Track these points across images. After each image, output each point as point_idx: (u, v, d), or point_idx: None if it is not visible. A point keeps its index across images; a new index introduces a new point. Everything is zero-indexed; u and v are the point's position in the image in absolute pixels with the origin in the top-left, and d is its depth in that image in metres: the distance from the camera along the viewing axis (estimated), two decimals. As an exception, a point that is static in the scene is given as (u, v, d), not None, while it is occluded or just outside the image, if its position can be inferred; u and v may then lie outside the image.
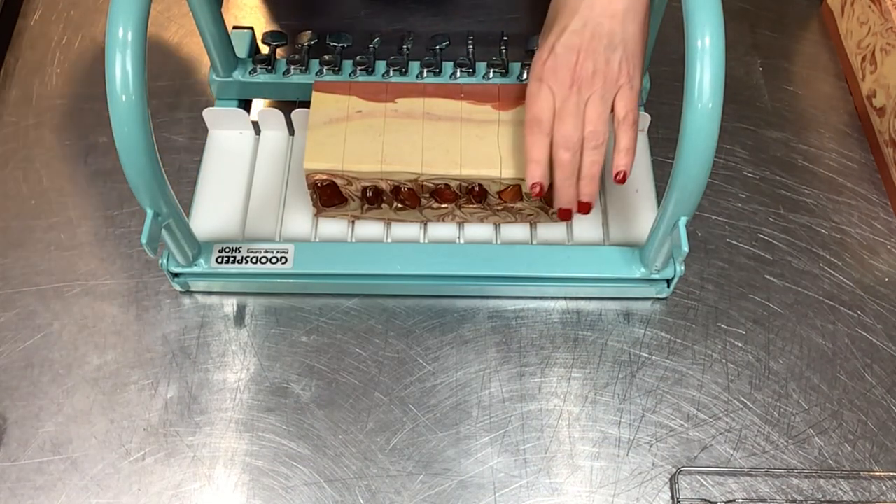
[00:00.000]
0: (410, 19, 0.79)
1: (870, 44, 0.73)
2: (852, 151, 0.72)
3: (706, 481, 0.56)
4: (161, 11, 0.81)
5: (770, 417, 0.58)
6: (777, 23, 0.81)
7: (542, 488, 0.55)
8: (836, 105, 0.75)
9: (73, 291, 0.63)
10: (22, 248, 0.65)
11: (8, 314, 0.62)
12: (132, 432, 0.57)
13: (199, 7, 0.62)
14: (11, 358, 0.60)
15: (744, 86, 0.76)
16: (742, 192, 0.69)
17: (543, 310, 0.62)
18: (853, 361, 0.61)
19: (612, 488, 0.55)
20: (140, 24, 0.46)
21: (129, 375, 0.59)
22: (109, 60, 0.46)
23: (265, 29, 0.72)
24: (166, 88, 0.75)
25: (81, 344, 0.61)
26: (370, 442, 0.57)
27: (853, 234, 0.67)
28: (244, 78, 0.70)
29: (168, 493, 0.55)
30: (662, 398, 0.59)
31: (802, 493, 0.55)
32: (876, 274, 0.65)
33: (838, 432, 0.58)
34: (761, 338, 0.62)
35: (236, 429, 0.57)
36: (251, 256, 0.60)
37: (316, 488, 0.55)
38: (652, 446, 0.57)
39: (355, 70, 0.68)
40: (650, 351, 0.61)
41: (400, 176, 0.59)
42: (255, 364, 0.60)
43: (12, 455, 0.56)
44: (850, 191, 0.70)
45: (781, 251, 0.66)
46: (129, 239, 0.66)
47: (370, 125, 0.60)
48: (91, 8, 0.81)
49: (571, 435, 0.57)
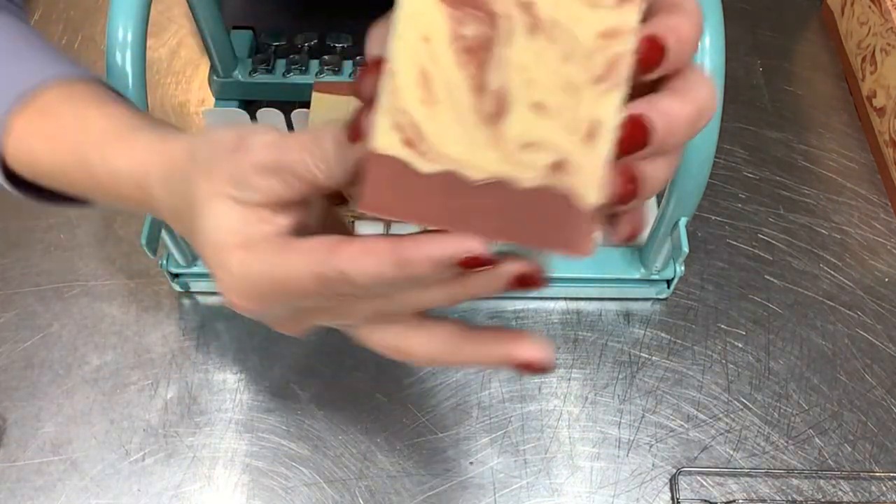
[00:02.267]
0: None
1: (870, 44, 0.73)
2: (852, 151, 0.72)
3: (706, 482, 0.56)
4: (161, 11, 0.81)
5: (770, 418, 0.58)
6: (777, 23, 0.81)
7: (542, 489, 0.55)
8: (836, 105, 0.75)
9: (73, 292, 0.63)
10: (22, 248, 0.65)
11: (8, 314, 0.62)
12: (132, 433, 0.57)
13: (199, 7, 0.62)
14: (11, 358, 0.60)
15: (744, 86, 0.76)
16: (742, 192, 0.69)
17: (543, 310, 0.62)
18: (853, 362, 0.61)
19: (612, 489, 0.55)
20: (140, 24, 0.46)
21: (129, 376, 0.59)
22: (109, 60, 0.46)
23: (265, 29, 0.72)
24: (166, 89, 0.75)
25: (81, 344, 0.61)
26: (370, 442, 0.57)
27: (853, 234, 0.67)
28: (244, 78, 0.70)
29: (168, 494, 0.55)
30: (662, 399, 0.59)
31: (802, 493, 0.55)
32: (876, 274, 0.65)
33: (838, 433, 0.58)
34: (761, 338, 0.62)
35: (236, 429, 0.57)
36: (251, 257, 0.60)
37: (316, 489, 0.55)
38: (652, 447, 0.57)
39: (355, 70, 0.68)
40: (650, 351, 0.61)
41: (400, 176, 0.59)
42: (255, 364, 0.60)
43: (12, 455, 0.56)
44: (850, 191, 0.70)
45: (781, 251, 0.66)
46: (128, 239, 0.66)
47: (370, 125, 0.60)
48: (91, 8, 0.81)
49: (571, 435, 0.57)
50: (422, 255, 0.26)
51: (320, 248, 0.28)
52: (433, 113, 0.25)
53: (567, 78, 0.25)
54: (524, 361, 0.29)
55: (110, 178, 0.35)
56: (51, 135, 0.37)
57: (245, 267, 0.29)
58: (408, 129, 0.25)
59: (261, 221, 0.29)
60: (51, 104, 0.38)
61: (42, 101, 0.38)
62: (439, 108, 0.25)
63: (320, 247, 0.28)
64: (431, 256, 0.26)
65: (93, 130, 0.36)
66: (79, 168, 0.36)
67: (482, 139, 0.25)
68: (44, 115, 0.38)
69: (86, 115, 0.37)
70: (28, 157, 0.39)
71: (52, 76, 0.39)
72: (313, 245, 0.28)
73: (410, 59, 0.25)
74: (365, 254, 0.27)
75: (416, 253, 0.26)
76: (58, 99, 0.38)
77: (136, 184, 0.34)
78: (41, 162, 0.38)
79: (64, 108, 0.38)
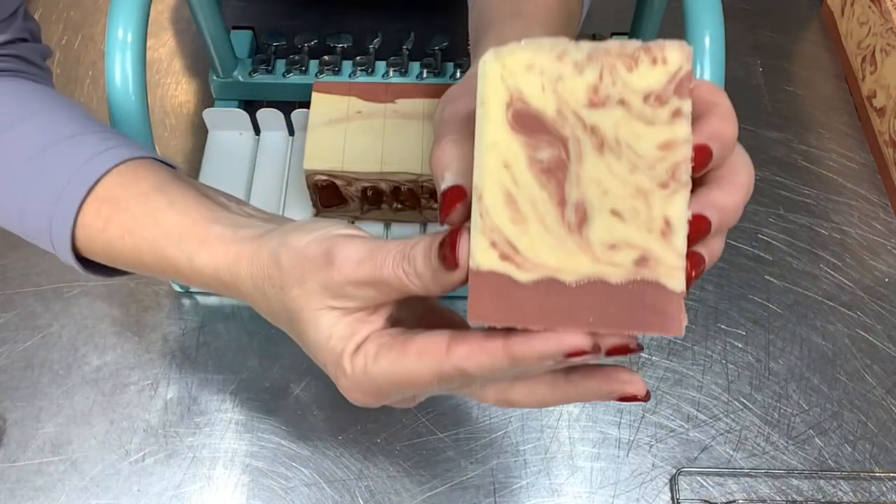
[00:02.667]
0: (411, 19, 0.79)
1: (870, 44, 0.73)
2: (852, 152, 0.72)
3: (706, 482, 0.56)
4: (161, 12, 0.81)
5: (770, 418, 0.58)
6: (777, 23, 0.81)
7: (542, 489, 0.55)
8: (836, 105, 0.75)
9: (73, 292, 0.63)
10: (22, 248, 0.65)
11: (8, 315, 0.62)
12: (132, 433, 0.57)
13: (199, 7, 0.62)
14: (11, 359, 0.60)
15: (744, 86, 0.76)
16: (742, 192, 0.69)
17: (543, 310, 0.62)
18: (853, 362, 0.61)
19: (612, 489, 0.55)
20: (140, 24, 0.46)
21: (129, 376, 0.59)
22: (109, 60, 0.47)
23: (265, 29, 0.72)
24: (166, 89, 0.75)
25: (81, 344, 0.61)
26: (370, 442, 0.57)
27: (853, 234, 0.67)
28: (244, 78, 0.70)
29: (168, 494, 0.55)
30: (662, 399, 0.59)
31: (802, 493, 0.55)
32: (876, 274, 0.65)
33: (838, 433, 0.58)
34: (761, 338, 0.62)
35: (236, 429, 0.57)
36: (251, 257, 0.60)
37: (316, 489, 0.55)
38: (652, 447, 0.57)
39: (355, 70, 0.68)
40: (650, 351, 0.61)
41: (400, 176, 0.59)
42: (255, 364, 0.60)
43: (12, 456, 0.56)
44: (850, 191, 0.70)
45: (781, 251, 0.66)
46: (128, 239, 0.66)
47: (370, 126, 0.60)
48: (91, 8, 0.81)
49: (571, 435, 0.57)
50: (531, 351, 0.29)
51: (436, 350, 0.30)
52: (523, 229, 0.29)
53: (636, 186, 0.29)
54: (629, 396, 0.32)
55: (193, 272, 0.37)
56: (125, 228, 0.38)
57: (364, 372, 0.32)
58: (503, 246, 0.29)
59: (364, 323, 0.32)
60: (115, 194, 0.39)
61: (105, 190, 0.39)
62: (528, 224, 0.29)
63: (435, 349, 0.30)
64: (541, 352, 0.29)
65: (166, 226, 0.38)
66: (158, 262, 0.38)
67: (571, 246, 0.29)
68: (112, 207, 0.39)
69: (155, 210, 0.38)
70: (104, 249, 0.39)
71: (112, 163, 0.39)
72: (428, 347, 0.30)
73: (495, 184, 0.29)
74: (480, 352, 0.29)
75: (526, 350, 0.29)
76: (121, 187, 0.39)
77: (221, 282, 0.36)
78: (118, 252, 0.39)
79: (131, 200, 0.39)
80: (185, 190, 0.39)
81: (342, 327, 0.32)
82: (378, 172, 0.58)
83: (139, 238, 0.38)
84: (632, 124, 0.29)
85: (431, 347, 0.30)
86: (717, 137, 0.29)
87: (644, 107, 0.29)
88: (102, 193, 0.39)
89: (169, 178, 0.40)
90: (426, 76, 0.68)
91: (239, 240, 0.36)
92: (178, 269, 0.37)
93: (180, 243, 0.37)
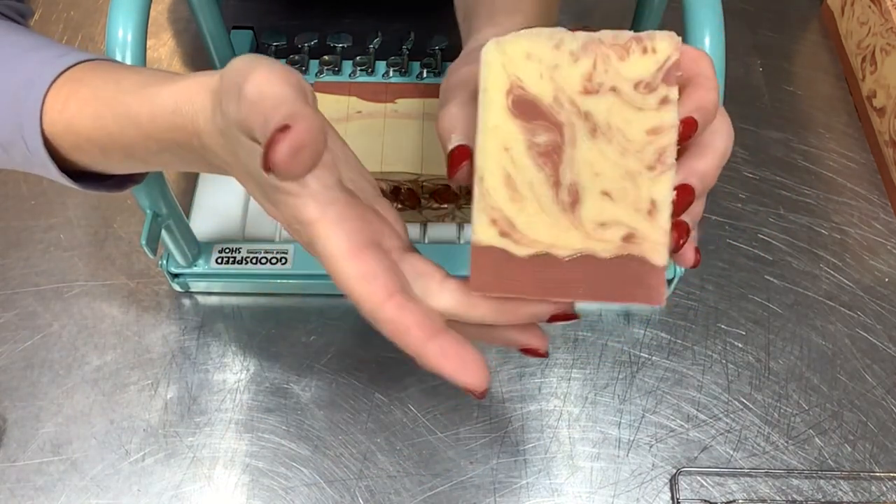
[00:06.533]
0: (411, 19, 0.79)
1: (870, 44, 0.73)
2: (852, 151, 0.72)
3: (706, 482, 0.56)
4: (161, 11, 0.81)
5: (770, 418, 0.58)
6: (777, 23, 0.81)
7: (542, 489, 0.55)
8: (836, 105, 0.75)
9: (73, 292, 0.63)
10: (22, 248, 0.65)
11: (8, 314, 0.62)
12: (132, 433, 0.57)
13: (199, 7, 0.62)
14: (11, 358, 0.60)
15: (744, 86, 0.76)
16: (742, 192, 0.69)
17: (543, 310, 0.62)
18: (853, 362, 0.61)
19: (612, 489, 0.55)
20: (140, 24, 0.46)
21: (129, 376, 0.59)
22: (109, 60, 0.46)
23: (265, 29, 0.72)
24: (166, 89, 0.75)
25: (81, 344, 0.61)
26: (370, 442, 0.57)
27: (853, 234, 0.67)
28: (244, 78, 0.70)
29: (168, 494, 0.55)
30: (662, 399, 0.59)
31: (802, 493, 0.55)
32: (876, 274, 0.65)
33: (838, 433, 0.58)
34: (761, 338, 0.62)
35: (236, 429, 0.57)
36: (251, 257, 0.60)
37: (316, 489, 0.55)
38: (652, 447, 0.57)
39: (355, 70, 0.68)
40: (650, 351, 0.61)
41: (400, 176, 0.59)
42: (255, 364, 0.60)
43: (12, 456, 0.56)
44: (850, 191, 0.70)
45: (781, 251, 0.66)
46: (128, 239, 0.66)
47: (370, 126, 0.60)
48: (91, 8, 0.81)
49: (571, 435, 0.57)
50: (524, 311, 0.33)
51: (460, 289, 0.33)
52: (521, 208, 0.31)
53: (626, 169, 0.31)
54: (532, 349, 0.35)
55: (152, 121, 0.36)
56: (86, 98, 0.38)
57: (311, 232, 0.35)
58: (502, 223, 0.31)
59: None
60: (81, 76, 0.39)
61: (71, 75, 0.39)
62: (526, 203, 0.31)
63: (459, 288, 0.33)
64: (534, 314, 0.33)
65: (126, 84, 0.38)
66: (118, 121, 0.38)
67: (565, 224, 0.31)
68: (76, 84, 0.39)
69: (118, 78, 0.39)
70: (65, 125, 0.39)
71: (78, 59, 0.40)
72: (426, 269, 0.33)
73: (496, 166, 0.31)
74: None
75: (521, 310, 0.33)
76: (86, 71, 0.40)
77: (181, 114, 0.35)
78: (79, 124, 0.39)
79: (94, 75, 0.39)
80: (147, 68, 0.40)
81: None
82: (378, 172, 0.58)
83: (101, 101, 0.38)
84: (623, 110, 0.31)
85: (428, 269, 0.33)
86: (702, 108, 0.31)
87: (634, 94, 0.31)
88: (67, 78, 0.39)
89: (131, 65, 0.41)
90: (426, 76, 0.68)
91: (198, 76, 0.35)
92: (139, 123, 0.37)
93: (142, 89, 0.37)
